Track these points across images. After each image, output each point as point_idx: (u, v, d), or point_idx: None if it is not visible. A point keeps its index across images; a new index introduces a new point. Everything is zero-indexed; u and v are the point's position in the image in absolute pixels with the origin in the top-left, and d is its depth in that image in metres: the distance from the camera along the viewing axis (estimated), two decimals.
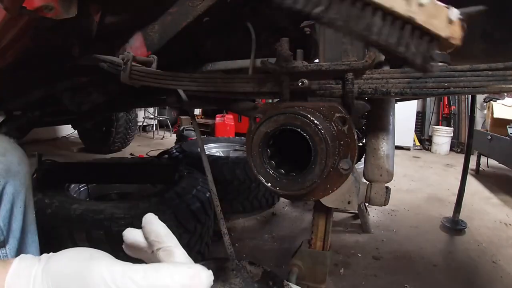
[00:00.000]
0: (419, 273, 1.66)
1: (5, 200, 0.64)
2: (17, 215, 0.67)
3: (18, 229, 0.67)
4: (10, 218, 0.65)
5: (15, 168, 0.67)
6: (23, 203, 0.69)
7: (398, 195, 2.83)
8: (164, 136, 6.05)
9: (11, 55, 0.92)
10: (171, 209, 1.29)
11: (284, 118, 0.50)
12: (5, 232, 0.64)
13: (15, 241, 0.67)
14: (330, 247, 0.92)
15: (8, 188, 0.65)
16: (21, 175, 0.68)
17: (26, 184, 0.70)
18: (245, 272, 0.92)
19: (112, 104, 1.87)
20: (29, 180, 0.72)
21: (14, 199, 0.66)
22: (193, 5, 0.82)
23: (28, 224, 0.72)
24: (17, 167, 0.67)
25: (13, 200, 0.66)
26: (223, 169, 2.10)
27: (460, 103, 5.60)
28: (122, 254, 1.27)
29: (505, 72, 0.55)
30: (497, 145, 3.25)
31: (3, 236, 0.64)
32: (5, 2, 0.66)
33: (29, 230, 0.72)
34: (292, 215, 2.37)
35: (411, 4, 0.36)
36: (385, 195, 0.87)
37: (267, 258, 1.72)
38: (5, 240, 0.65)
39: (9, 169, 0.65)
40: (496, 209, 2.69)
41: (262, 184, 0.54)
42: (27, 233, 0.72)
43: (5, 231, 0.64)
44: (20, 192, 0.68)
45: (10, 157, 0.67)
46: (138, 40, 0.96)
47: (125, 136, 3.98)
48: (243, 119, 5.51)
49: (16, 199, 0.67)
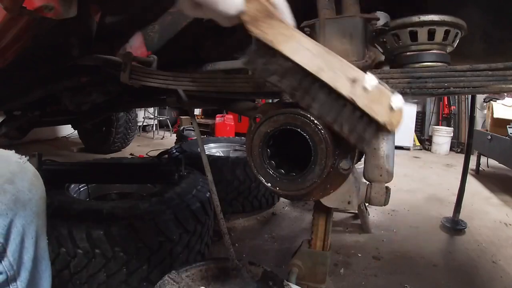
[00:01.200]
0: (419, 273, 1.66)
1: (14, 233, 0.58)
2: (29, 246, 0.62)
3: (29, 260, 0.62)
4: (20, 251, 0.60)
5: (26, 196, 0.60)
6: (35, 233, 0.63)
7: (398, 195, 2.83)
8: (164, 136, 6.05)
9: (11, 55, 0.92)
10: (171, 209, 1.29)
11: (284, 118, 0.50)
12: (15, 267, 0.59)
13: (27, 272, 0.62)
14: (330, 247, 0.92)
15: (18, 221, 0.58)
16: (32, 203, 0.61)
17: (38, 210, 0.64)
18: (245, 272, 0.92)
19: (112, 104, 1.87)
20: (42, 205, 0.66)
21: (25, 231, 0.60)
22: None
23: (40, 251, 0.66)
24: (28, 195, 0.61)
25: (23, 232, 0.60)
26: (223, 169, 2.10)
27: (460, 103, 5.60)
28: (122, 255, 1.27)
29: (505, 72, 0.55)
30: (497, 145, 3.25)
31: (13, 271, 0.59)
32: (5, 2, 0.66)
33: (42, 258, 0.67)
34: (292, 215, 2.37)
35: (356, 86, 0.38)
36: (385, 195, 0.87)
37: (267, 258, 1.72)
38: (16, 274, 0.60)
39: (18, 198, 0.59)
40: (496, 209, 2.68)
41: (262, 184, 0.54)
42: (41, 261, 0.67)
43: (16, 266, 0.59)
44: (31, 222, 0.61)
45: (19, 184, 0.60)
46: (138, 40, 0.96)
47: (125, 136, 3.98)
48: (243, 119, 5.51)
49: (27, 230, 0.61)
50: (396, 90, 0.61)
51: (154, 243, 1.20)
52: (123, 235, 1.15)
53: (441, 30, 0.69)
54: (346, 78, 0.38)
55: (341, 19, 0.64)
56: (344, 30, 0.63)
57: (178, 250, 1.29)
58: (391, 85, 0.62)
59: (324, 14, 0.66)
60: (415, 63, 0.72)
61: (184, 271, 0.92)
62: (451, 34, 0.70)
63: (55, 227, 1.14)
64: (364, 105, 0.38)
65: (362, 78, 0.38)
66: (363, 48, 0.63)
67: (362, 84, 0.38)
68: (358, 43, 0.62)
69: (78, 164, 1.87)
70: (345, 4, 0.66)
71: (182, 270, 0.92)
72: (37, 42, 0.84)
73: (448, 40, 0.71)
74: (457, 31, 0.71)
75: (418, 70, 0.62)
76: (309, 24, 0.70)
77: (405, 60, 0.74)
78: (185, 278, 0.89)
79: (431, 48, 0.71)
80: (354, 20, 0.63)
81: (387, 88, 0.38)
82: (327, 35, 0.65)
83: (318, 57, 0.40)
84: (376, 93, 0.38)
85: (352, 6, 0.66)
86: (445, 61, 0.72)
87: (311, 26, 0.69)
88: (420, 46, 0.71)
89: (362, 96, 0.38)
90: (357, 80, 0.38)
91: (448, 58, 0.73)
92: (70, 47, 0.91)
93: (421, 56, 0.72)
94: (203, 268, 0.94)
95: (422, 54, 0.72)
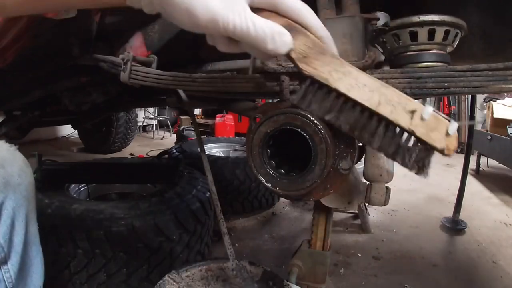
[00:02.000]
0: (419, 273, 1.66)
1: (4, 215, 0.61)
2: (19, 229, 0.64)
3: (20, 244, 0.65)
4: (11, 233, 0.62)
5: (16, 180, 0.63)
6: (25, 216, 0.66)
7: (398, 195, 2.82)
8: (164, 136, 6.05)
9: (11, 55, 0.91)
10: (171, 209, 1.29)
11: (284, 118, 0.50)
12: (5, 249, 0.61)
13: (18, 256, 0.64)
14: (330, 247, 0.92)
15: (8, 203, 0.61)
16: (22, 187, 0.65)
17: (28, 195, 0.67)
18: (245, 272, 0.92)
19: (112, 104, 1.87)
20: (32, 191, 0.69)
21: (15, 214, 0.63)
22: None
23: (31, 236, 0.69)
24: (17, 179, 0.64)
25: (13, 215, 0.63)
26: (223, 169, 2.10)
27: (460, 103, 5.60)
28: (122, 255, 1.26)
29: (505, 72, 0.55)
30: (497, 145, 3.25)
31: (4, 252, 0.61)
32: None
33: (33, 243, 0.70)
34: (292, 215, 2.37)
35: (414, 117, 0.39)
36: (385, 195, 0.87)
37: (267, 258, 1.72)
38: (7, 257, 0.62)
39: (8, 182, 0.62)
40: (496, 209, 2.68)
41: (262, 184, 0.54)
42: (31, 246, 0.69)
43: (6, 248, 0.61)
44: (21, 205, 0.64)
45: (9, 169, 0.63)
46: (138, 40, 0.96)
47: (125, 136, 3.98)
48: (243, 119, 5.51)
49: (17, 213, 0.63)
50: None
51: (154, 243, 1.20)
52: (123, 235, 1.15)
53: (441, 30, 0.69)
54: (405, 111, 0.39)
55: (341, 19, 0.64)
56: (344, 30, 0.63)
57: (178, 250, 1.29)
58: (391, 84, 0.62)
59: (324, 14, 0.66)
60: (415, 63, 0.72)
61: (184, 271, 0.92)
62: (451, 34, 0.70)
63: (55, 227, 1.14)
64: (422, 134, 0.39)
65: (420, 109, 0.39)
66: (363, 48, 0.63)
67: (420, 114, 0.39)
68: (358, 43, 0.62)
69: (78, 164, 1.87)
70: (345, 4, 0.66)
71: (182, 270, 0.92)
72: (37, 42, 0.84)
73: (448, 40, 0.71)
74: (457, 31, 0.71)
75: (418, 70, 0.62)
76: None
77: (405, 60, 0.74)
78: (185, 278, 0.89)
79: (431, 48, 0.71)
80: (354, 20, 0.63)
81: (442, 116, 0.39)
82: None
83: (375, 92, 0.40)
84: (433, 121, 0.39)
85: (352, 6, 0.66)
86: (445, 61, 0.72)
87: None
88: (420, 46, 0.72)
89: (420, 126, 0.39)
90: (415, 111, 0.39)
91: (448, 58, 0.73)
92: (70, 47, 0.91)
93: (421, 56, 0.72)
94: (203, 268, 0.94)
95: (422, 54, 0.72)
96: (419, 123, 0.39)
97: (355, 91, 0.40)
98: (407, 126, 0.39)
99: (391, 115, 0.39)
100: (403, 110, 0.39)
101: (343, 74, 0.40)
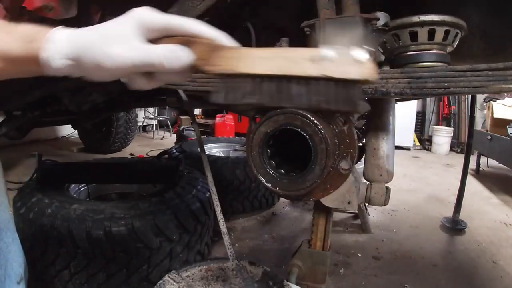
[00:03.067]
0: (419, 273, 1.66)
1: None
2: None
3: None
4: None
5: None
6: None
7: (398, 195, 2.82)
8: (164, 136, 6.05)
9: None
10: (171, 209, 1.29)
11: (284, 118, 0.50)
12: None
13: None
14: (330, 247, 0.92)
15: None
16: None
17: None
18: (245, 272, 0.92)
19: (112, 104, 1.88)
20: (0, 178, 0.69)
21: None
22: (193, 5, 0.82)
23: (3, 222, 0.68)
24: None
25: None
26: (223, 169, 2.10)
27: (460, 103, 5.60)
28: (122, 255, 1.26)
29: (505, 72, 0.55)
30: (497, 145, 3.25)
31: None
32: (5, 2, 0.66)
33: (7, 228, 0.69)
34: (292, 215, 2.37)
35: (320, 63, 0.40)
36: (385, 195, 0.87)
37: (267, 258, 1.72)
38: None
39: None
40: (496, 209, 2.68)
41: (262, 184, 0.54)
42: (6, 232, 0.68)
43: None
44: None
45: None
46: None
47: (125, 136, 3.98)
48: (243, 119, 5.51)
49: None
50: (396, 90, 0.62)
51: (154, 243, 1.20)
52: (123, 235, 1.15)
53: (441, 30, 0.69)
54: (309, 61, 0.40)
55: (341, 19, 0.64)
56: (344, 30, 0.63)
57: (178, 250, 1.29)
58: (391, 85, 0.62)
59: (324, 14, 0.66)
60: (415, 63, 0.72)
61: (184, 271, 0.92)
62: (451, 34, 0.70)
63: (55, 227, 1.14)
64: (335, 73, 0.40)
65: (321, 53, 0.40)
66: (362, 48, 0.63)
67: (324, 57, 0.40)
68: (358, 43, 0.62)
69: (78, 164, 1.87)
70: (345, 4, 0.66)
71: (182, 270, 0.92)
72: None
73: (448, 40, 0.71)
74: (457, 31, 0.71)
75: (418, 70, 0.62)
76: (309, 24, 0.70)
77: (405, 60, 0.74)
78: (185, 278, 0.89)
79: (431, 48, 0.71)
80: (354, 20, 0.63)
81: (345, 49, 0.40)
82: (327, 35, 0.65)
83: (276, 59, 0.42)
84: (338, 58, 0.40)
85: (352, 6, 0.66)
86: (445, 61, 0.72)
87: (311, 26, 0.69)
88: (420, 46, 0.72)
89: (329, 68, 0.40)
90: (318, 57, 0.40)
91: (448, 58, 0.73)
92: None
93: (421, 56, 0.72)
94: (203, 268, 0.94)
95: (422, 54, 0.72)
96: (327, 66, 0.40)
97: (259, 66, 0.42)
98: (318, 73, 0.40)
99: (300, 71, 0.41)
100: (307, 62, 0.40)
101: (241, 57, 0.42)
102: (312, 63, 0.40)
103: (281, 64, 0.41)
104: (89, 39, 0.40)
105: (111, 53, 0.39)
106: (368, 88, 0.63)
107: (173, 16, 0.43)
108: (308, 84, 0.42)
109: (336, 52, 0.40)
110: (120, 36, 0.40)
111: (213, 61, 0.43)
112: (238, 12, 0.98)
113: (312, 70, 0.40)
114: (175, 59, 0.41)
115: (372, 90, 0.63)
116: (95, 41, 0.40)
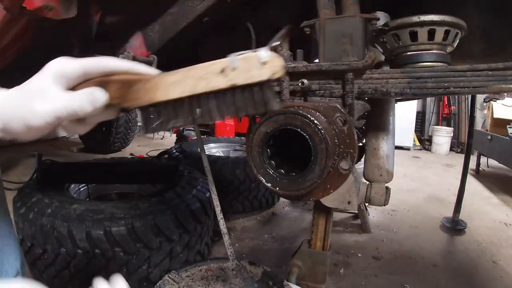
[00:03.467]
0: (419, 273, 1.66)
1: None
2: None
3: None
4: None
5: None
6: None
7: (398, 195, 2.82)
8: (164, 136, 6.05)
9: (11, 55, 0.92)
10: (171, 209, 1.29)
11: (284, 118, 0.50)
12: None
13: None
14: (330, 247, 0.92)
15: None
16: None
17: None
18: (245, 272, 0.92)
19: None
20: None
21: None
22: (193, 5, 0.82)
23: None
24: None
25: None
26: (223, 169, 2.10)
27: (460, 103, 5.60)
28: (122, 255, 1.26)
29: (505, 72, 0.55)
30: (497, 145, 3.25)
31: None
32: (5, 2, 0.66)
33: (3, 222, 0.69)
34: (292, 215, 2.37)
35: (227, 73, 0.41)
36: (385, 195, 0.87)
37: (267, 258, 1.72)
38: None
39: None
40: (496, 209, 2.68)
41: (262, 184, 0.54)
42: (1, 225, 0.68)
43: None
44: None
45: None
46: (138, 40, 0.96)
47: (125, 136, 3.98)
48: (243, 119, 5.50)
49: None
50: (396, 90, 0.62)
51: (154, 243, 1.20)
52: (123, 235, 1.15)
53: (441, 30, 0.69)
54: (216, 75, 0.41)
55: (341, 19, 0.64)
56: (344, 30, 0.63)
57: (178, 250, 1.29)
58: (391, 85, 0.62)
59: (324, 14, 0.66)
60: (415, 63, 0.72)
61: (184, 271, 0.92)
62: (451, 34, 0.70)
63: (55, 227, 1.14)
64: (245, 79, 0.41)
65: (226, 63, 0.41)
66: (363, 48, 0.63)
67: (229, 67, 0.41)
68: (358, 43, 0.62)
69: (78, 164, 1.87)
70: (345, 4, 0.66)
71: (182, 270, 0.92)
72: (37, 42, 0.84)
73: (448, 40, 0.71)
74: (457, 31, 0.71)
75: (418, 70, 0.62)
76: (309, 24, 0.70)
77: (405, 60, 0.74)
78: (185, 278, 0.89)
79: (431, 48, 0.71)
80: (354, 20, 0.63)
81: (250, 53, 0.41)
82: (327, 35, 0.65)
83: (185, 81, 0.43)
84: (244, 64, 0.41)
85: (352, 6, 0.66)
86: (445, 61, 0.72)
87: (311, 26, 0.69)
88: (420, 46, 0.72)
89: (237, 76, 0.41)
90: (224, 68, 0.41)
91: (448, 58, 0.73)
92: (70, 47, 0.91)
93: (421, 56, 0.72)
94: (203, 268, 0.94)
95: (422, 54, 0.72)
96: (235, 74, 0.41)
97: (173, 91, 0.43)
98: (225, 84, 0.41)
99: (210, 86, 0.42)
100: (216, 75, 0.41)
101: (159, 86, 0.43)
102: (220, 76, 0.41)
103: (192, 84, 0.42)
104: (14, 104, 0.40)
105: (36, 110, 0.40)
106: (368, 88, 0.63)
107: (88, 59, 0.43)
108: (217, 97, 0.42)
109: (242, 59, 0.41)
110: (41, 91, 0.41)
111: (130, 96, 0.44)
112: (238, 12, 0.98)
113: (221, 82, 0.41)
114: (94, 101, 0.42)
115: (372, 90, 0.63)
116: (20, 103, 0.40)
